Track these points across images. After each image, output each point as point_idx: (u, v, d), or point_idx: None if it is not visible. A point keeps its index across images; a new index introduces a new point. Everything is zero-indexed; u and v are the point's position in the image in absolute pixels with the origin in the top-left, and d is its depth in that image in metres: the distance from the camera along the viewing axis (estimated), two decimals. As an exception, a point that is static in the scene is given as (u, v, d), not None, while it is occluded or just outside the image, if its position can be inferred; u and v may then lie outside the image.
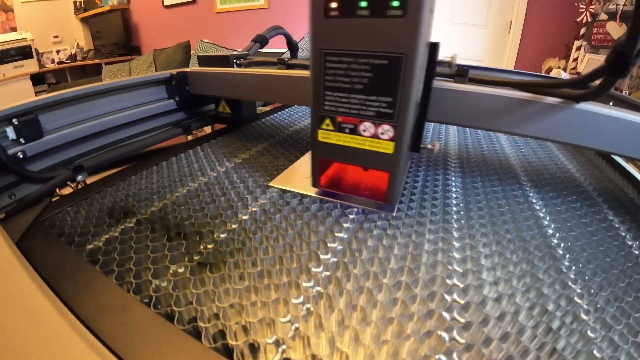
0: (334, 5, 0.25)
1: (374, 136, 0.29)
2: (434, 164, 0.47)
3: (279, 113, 0.76)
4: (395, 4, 0.23)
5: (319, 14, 0.26)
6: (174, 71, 0.59)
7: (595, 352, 0.20)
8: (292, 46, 0.72)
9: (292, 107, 0.82)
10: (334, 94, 0.29)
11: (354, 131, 0.30)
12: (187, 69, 0.59)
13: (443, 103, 0.40)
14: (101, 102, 0.49)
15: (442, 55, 0.36)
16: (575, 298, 0.24)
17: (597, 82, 0.31)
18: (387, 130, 0.28)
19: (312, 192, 0.37)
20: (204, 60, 0.60)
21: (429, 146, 0.37)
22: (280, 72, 0.49)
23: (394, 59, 0.25)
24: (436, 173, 0.44)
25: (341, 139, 0.31)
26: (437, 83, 0.39)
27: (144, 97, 0.56)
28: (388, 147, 0.29)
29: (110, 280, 0.25)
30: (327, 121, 0.30)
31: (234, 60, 0.58)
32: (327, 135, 0.31)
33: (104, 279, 0.25)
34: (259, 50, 0.67)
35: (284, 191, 0.38)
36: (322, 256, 0.27)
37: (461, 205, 0.36)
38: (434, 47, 0.33)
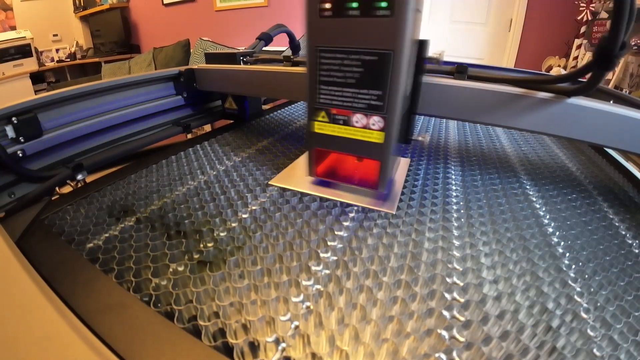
0: (327, 5, 0.28)
1: (365, 127, 0.31)
2: (434, 161, 0.47)
3: (282, 110, 0.76)
4: (383, 4, 0.26)
5: (313, 13, 0.28)
6: (182, 68, 0.59)
7: (595, 350, 0.20)
8: (295, 44, 0.72)
9: (294, 104, 0.82)
10: (328, 88, 0.31)
11: (347, 122, 0.32)
12: (195, 66, 0.59)
13: (442, 98, 0.41)
14: (104, 100, 0.49)
15: (441, 51, 0.37)
16: (575, 297, 0.24)
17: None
18: (377, 122, 0.30)
19: (312, 190, 0.37)
20: (211, 58, 0.62)
21: (419, 138, 0.39)
22: (286, 69, 0.50)
23: (383, 55, 0.27)
24: (436, 171, 0.44)
25: (335, 130, 0.33)
26: (437, 80, 0.40)
27: (151, 94, 0.57)
28: (378, 137, 0.31)
29: (110, 279, 0.25)
30: (322, 113, 0.33)
31: (241, 58, 0.59)
32: (322, 127, 0.33)
33: (104, 277, 0.25)
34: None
35: (284, 189, 0.38)
36: (322, 255, 0.27)
37: (461, 203, 0.36)
38: (422, 44, 0.35)
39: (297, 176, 0.41)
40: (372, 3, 0.26)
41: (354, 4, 0.26)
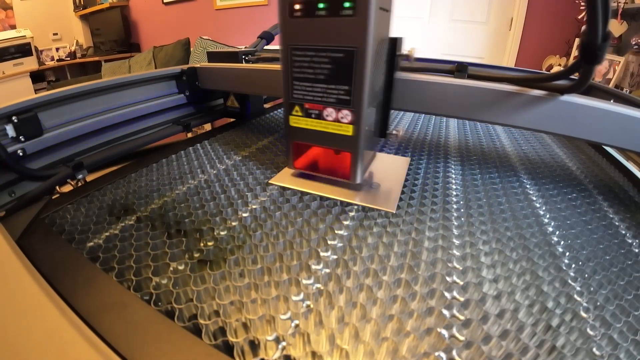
0: (297, 6, 0.30)
1: (336, 120, 0.33)
2: (434, 160, 0.47)
3: (283, 109, 0.76)
4: (347, 5, 0.28)
5: (285, 13, 0.30)
6: (185, 66, 0.59)
7: (594, 349, 0.20)
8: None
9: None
10: (301, 84, 0.33)
11: (319, 116, 0.34)
12: (198, 65, 0.59)
13: (442, 97, 0.41)
14: (105, 99, 0.49)
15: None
16: (575, 296, 0.24)
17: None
18: (346, 115, 0.32)
19: (312, 189, 0.37)
20: (213, 56, 0.62)
21: (394, 132, 0.40)
22: None
23: (348, 52, 0.29)
24: (436, 170, 0.44)
25: (309, 124, 0.35)
26: (438, 78, 0.41)
27: (153, 93, 0.57)
28: (348, 130, 0.33)
29: (110, 278, 0.25)
30: (296, 108, 0.35)
31: (243, 56, 0.59)
32: (297, 121, 0.35)
33: (104, 276, 0.25)
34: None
35: (284, 188, 0.38)
36: (322, 253, 0.28)
37: (461, 202, 0.36)
38: (394, 42, 0.35)
39: (297, 175, 0.41)
40: (338, 3, 0.28)
41: (322, 5, 0.29)
